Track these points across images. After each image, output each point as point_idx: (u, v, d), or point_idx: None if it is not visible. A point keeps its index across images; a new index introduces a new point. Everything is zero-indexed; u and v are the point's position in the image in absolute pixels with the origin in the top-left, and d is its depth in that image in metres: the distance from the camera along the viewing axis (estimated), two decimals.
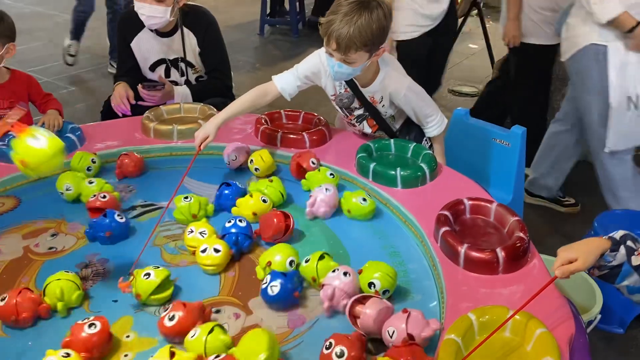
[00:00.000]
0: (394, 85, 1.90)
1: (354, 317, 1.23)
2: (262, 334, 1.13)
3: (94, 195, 1.64)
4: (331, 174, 1.78)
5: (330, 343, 1.13)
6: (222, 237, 1.48)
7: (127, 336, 1.24)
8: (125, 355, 1.19)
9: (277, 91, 1.96)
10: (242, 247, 1.48)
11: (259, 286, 1.36)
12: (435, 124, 2.00)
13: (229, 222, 1.50)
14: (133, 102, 2.35)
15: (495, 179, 2.34)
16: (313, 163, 1.82)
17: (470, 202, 1.56)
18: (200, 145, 1.81)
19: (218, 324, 1.19)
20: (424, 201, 1.67)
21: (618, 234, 1.22)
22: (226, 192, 1.69)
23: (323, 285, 1.30)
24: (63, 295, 1.28)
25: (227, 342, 1.15)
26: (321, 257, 1.37)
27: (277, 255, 1.39)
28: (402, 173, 1.73)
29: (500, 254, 1.34)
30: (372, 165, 1.77)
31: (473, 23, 4.96)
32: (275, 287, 1.29)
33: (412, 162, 1.85)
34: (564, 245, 1.23)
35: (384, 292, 1.31)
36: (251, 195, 1.64)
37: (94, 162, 1.83)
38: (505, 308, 1.17)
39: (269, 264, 1.38)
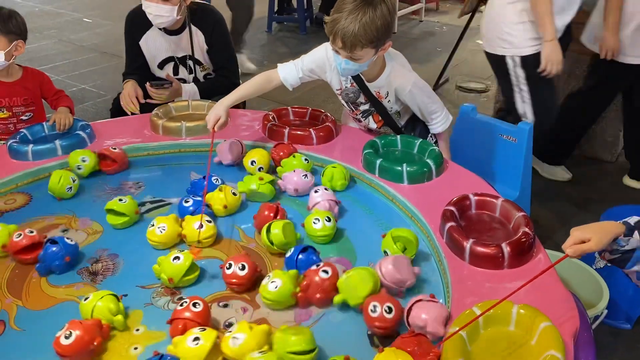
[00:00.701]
0: (399, 81, 1.91)
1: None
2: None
3: (19, 236, 1.44)
4: (305, 159, 1.84)
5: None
6: None
7: (137, 329, 1.26)
8: (135, 349, 1.21)
9: (280, 80, 2.00)
10: None
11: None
12: (440, 121, 2.01)
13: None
14: (142, 101, 2.38)
15: (502, 175, 2.34)
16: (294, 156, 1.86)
17: (476, 198, 1.57)
18: (214, 127, 1.88)
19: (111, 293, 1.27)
20: (430, 197, 1.67)
21: (633, 220, 1.23)
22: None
23: None
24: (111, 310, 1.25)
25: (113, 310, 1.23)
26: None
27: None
28: (408, 169, 1.74)
29: (506, 249, 1.35)
30: (378, 161, 1.78)
31: (481, 19, 4.94)
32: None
33: (419, 158, 1.85)
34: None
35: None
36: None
37: (74, 181, 1.73)
38: (510, 302, 1.18)
39: None
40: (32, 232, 1.46)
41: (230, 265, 1.37)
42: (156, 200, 1.75)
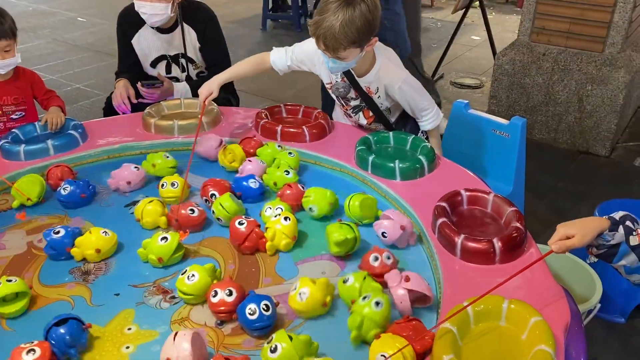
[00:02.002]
0: (389, 77, 1.91)
1: None
2: None
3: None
4: (290, 153, 1.85)
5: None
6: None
7: (129, 329, 1.26)
8: (127, 347, 1.21)
9: (270, 63, 2.05)
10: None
11: (258, 277, 1.39)
12: (430, 118, 2.01)
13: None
14: (135, 101, 2.38)
15: (495, 171, 2.34)
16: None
17: (468, 194, 1.57)
18: (205, 101, 1.95)
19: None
20: (422, 193, 1.68)
21: (618, 215, 1.24)
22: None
23: None
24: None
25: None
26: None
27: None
28: (400, 165, 1.74)
29: (497, 244, 1.35)
30: (371, 158, 1.79)
31: (475, 15, 4.96)
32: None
33: (411, 155, 1.85)
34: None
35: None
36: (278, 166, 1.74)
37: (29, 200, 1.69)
38: (501, 297, 1.18)
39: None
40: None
41: (215, 293, 1.26)
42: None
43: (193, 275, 1.31)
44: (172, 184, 1.69)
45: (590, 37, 3.33)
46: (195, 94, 2.41)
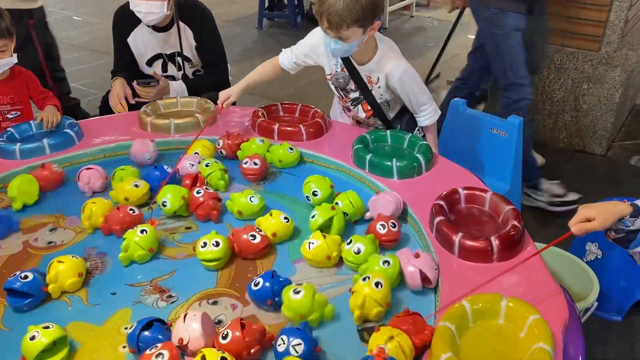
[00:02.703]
0: (391, 66, 1.92)
1: None
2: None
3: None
4: (290, 149, 1.89)
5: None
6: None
7: (125, 328, 1.25)
8: (124, 347, 1.20)
9: (279, 65, 2.10)
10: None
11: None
12: (428, 113, 2.01)
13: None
14: (132, 101, 2.37)
15: (492, 169, 2.34)
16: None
17: (465, 192, 1.57)
18: (222, 104, 2.02)
19: None
20: (419, 191, 1.67)
21: None
22: (156, 173, 1.75)
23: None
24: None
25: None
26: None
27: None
28: (398, 164, 1.74)
29: (495, 242, 1.35)
30: (368, 157, 1.78)
31: (471, 14, 4.94)
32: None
33: (408, 153, 1.85)
34: (564, 233, 1.25)
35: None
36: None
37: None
38: (499, 295, 1.18)
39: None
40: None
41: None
42: None
43: (216, 242, 1.41)
44: (215, 244, 1.43)
45: (586, 36, 3.33)
46: (191, 93, 2.41)
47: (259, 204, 1.61)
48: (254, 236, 1.45)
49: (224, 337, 1.13)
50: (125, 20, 2.42)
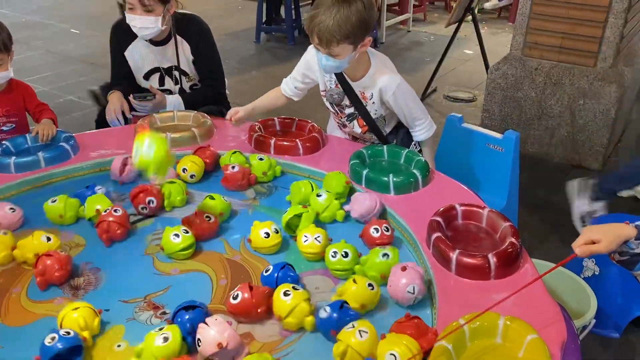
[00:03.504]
0: (384, 81, 1.92)
1: None
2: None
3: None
4: (260, 158, 1.90)
5: None
6: None
7: (119, 345, 1.23)
8: None
9: (282, 94, 2.14)
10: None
11: None
12: (423, 128, 2.02)
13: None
14: (129, 115, 2.36)
15: (489, 184, 2.34)
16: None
17: (462, 208, 1.56)
18: (231, 118, 2.07)
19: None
20: (416, 207, 1.67)
21: None
22: (88, 193, 1.71)
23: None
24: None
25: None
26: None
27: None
28: (395, 179, 1.73)
29: (492, 259, 1.34)
30: (365, 172, 1.78)
31: (468, 29, 4.99)
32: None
33: (405, 169, 1.85)
34: (561, 248, 1.24)
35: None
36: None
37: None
38: (497, 314, 1.17)
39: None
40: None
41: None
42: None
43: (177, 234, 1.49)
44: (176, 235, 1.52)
45: (582, 52, 3.35)
46: (188, 107, 2.41)
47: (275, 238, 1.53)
48: (208, 217, 1.59)
49: (235, 298, 1.27)
50: (123, 34, 2.42)
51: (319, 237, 1.50)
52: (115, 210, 1.58)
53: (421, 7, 6.80)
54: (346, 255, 1.43)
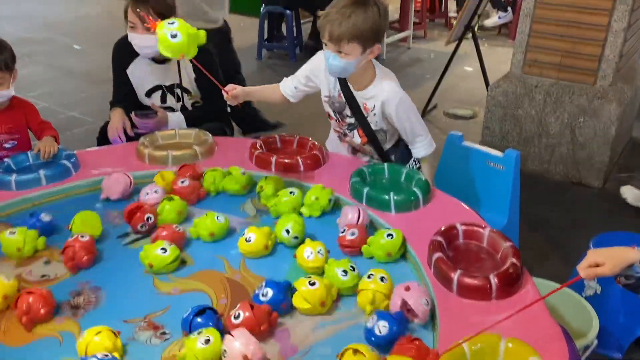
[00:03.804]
0: (388, 93, 1.94)
1: None
2: None
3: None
4: (243, 172, 1.93)
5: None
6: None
7: None
8: None
9: (280, 90, 2.12)
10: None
11: None
12: (423, 145, 2.04)
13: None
14: (131, 133, 2.37)
15: (490, 202, 2.34)
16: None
17: (464, 228, 1.56)
18: (228, 92, 1.97)
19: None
20: (417, 226, 1.66)
21: None
22: (32, 221, 1.66)
23: None
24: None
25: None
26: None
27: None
28: (395, 197, 1.74)
29: (493, 280, 1.34)
30: (365, 190, 1.78)
31: (468, 46, 5.01)
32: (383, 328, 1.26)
33: (406, 187, 1.85)
34: (562, 266, 1.24)
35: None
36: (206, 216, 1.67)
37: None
38: (498, 336, 1.16)
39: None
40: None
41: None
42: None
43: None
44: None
45: (581, 70, 3.37)
46: (189, 124, 2.41)
47: (225, 223, 1.68)
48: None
49: (236, 318, 1.28)
50: (125, 52, 2.43)
51: (320, 250, 1.52)
52: (81, 236, 1.54)
53: (421, 25, 6.84)
54: (345, 273, 1.44)
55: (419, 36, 6.80)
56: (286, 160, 2.00)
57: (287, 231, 1.62)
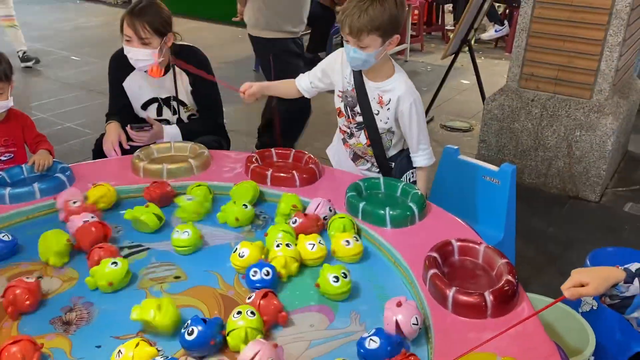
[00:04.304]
0: (404, 90, 1.99)
1: None
2: None
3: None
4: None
5: None
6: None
7: None
8: None
9: (295, 85, 2.20)
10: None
11: None
12: (424, 155, 2.09)
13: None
14: (126, 146, 2.36)
15: (486, 217, 2.34)
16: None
17: (459, 244, 1.55)
18: (244, 92, 2.12)
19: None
20: (413, 241, 1.66)
21: (634, 266, 1.24)
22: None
23: None
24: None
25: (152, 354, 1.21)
26: None
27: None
28: (391, 212, 1.73)
29: (489, 297, 1.33)
30: (361, 205, 1.77)
31: (464, 59, 5.03)
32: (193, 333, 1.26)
33: (402, 202, 1.84)
34: (559, 281, 1.24)
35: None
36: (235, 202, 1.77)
37: None
38: (493, 355, 1.15)
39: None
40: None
41: None
42: (134, 245, 1.71)
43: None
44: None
45: (578, 84, 3.38)
46: (185, 137, 2.41)
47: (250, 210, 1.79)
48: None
49: None
50: (121, 64, 2.43)
51: (321, 241, 1.61)
52: (26, 278, 1.44)
53: (418, 38, 6.87)
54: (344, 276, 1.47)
55: (415, 49, 6.83)
56: (282, 174, 1.99)
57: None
